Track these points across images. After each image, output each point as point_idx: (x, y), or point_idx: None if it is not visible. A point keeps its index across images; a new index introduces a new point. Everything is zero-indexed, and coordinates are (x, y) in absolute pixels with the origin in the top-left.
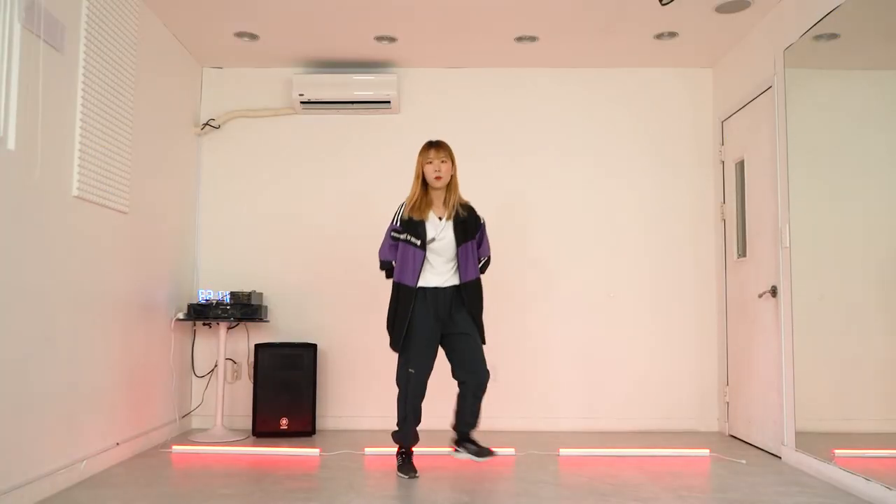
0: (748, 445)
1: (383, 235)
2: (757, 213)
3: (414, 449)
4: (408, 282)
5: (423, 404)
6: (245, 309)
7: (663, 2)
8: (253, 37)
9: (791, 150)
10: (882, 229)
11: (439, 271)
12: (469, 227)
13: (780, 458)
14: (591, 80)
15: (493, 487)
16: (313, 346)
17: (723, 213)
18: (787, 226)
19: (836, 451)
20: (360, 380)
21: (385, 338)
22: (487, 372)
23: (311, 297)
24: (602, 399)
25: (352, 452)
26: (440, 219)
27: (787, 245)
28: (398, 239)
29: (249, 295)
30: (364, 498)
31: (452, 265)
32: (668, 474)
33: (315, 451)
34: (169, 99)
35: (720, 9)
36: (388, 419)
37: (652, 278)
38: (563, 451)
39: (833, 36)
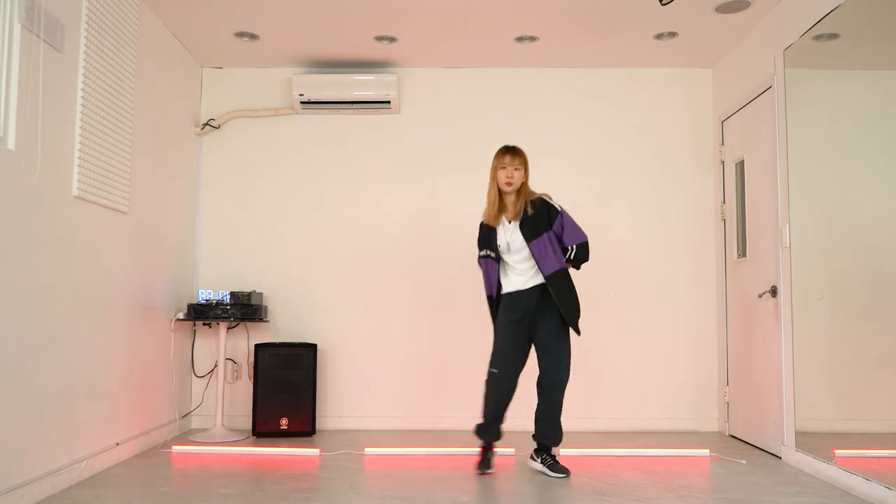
0: (748, 445)
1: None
2: (757, 213)
3: (494, 447)
4: (489, 291)
5: (417, 403)
6: (245, 309)
7: (663, 2)
8: (253, 37)
9: (791, 150)
10: (882, 229)
11: (519, 272)
12: (540, 221)
13: (780, 458)
14: (591, 80)
15: (493, 487)
16: (313, 346)
17: (723, 213)
18: (787, 226)
19: (836, 451)
20: (360, 380)
21: (386, 337)
22: (565, 377)
23: (311, 297)
24: (602, 399)
25: (352, 452)
26: (510, 223)
27: (787, 245)
28: (480, 256)
29: (249, 295)
30: (364, 498)
31: (530, 264)
32: (668, 474)
33: (315, 451)
34: (169, 99)
35: (720, 9)
36: (388, 419)
37: (652, 278)
38: (563, 451)
39: (833, 36)
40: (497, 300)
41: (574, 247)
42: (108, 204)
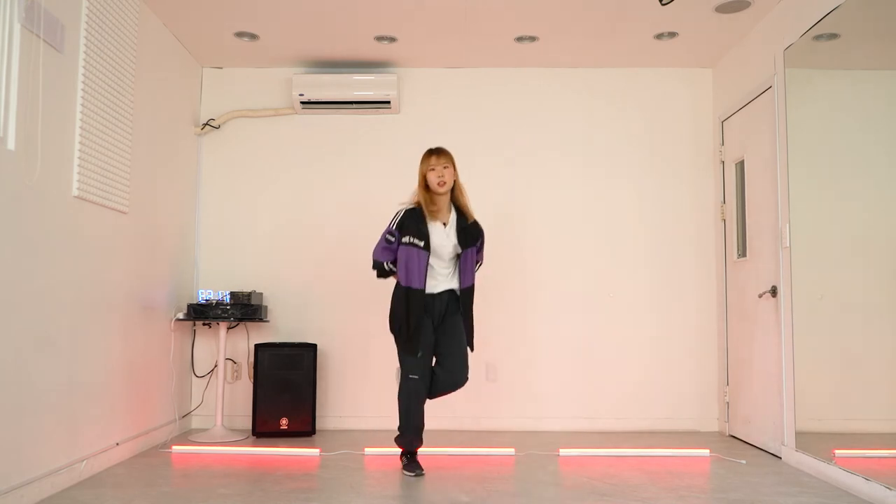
0: (748, 445)
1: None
2: (757, 213)
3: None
4: (417, 285)
5: (427, 403)
6: (245, 309)
7: (663, 2)
8: (253, 37)
9: (791, 150)
10: (882, 229)
11: (438, 275)
12: (470, 234)
13: (780, 458)
14: (591, 80)
15: (493, 487)
16: (313, 346)
17: (723, 213)
18: (787, 226)
19: (836, 451)
20: (360, 380)
21: (386, 337)
22: (466, 378)
23: (311, 297)
24: (602, 399)
25: (352, 452)
26: (444, 224)
27: (787, 245)
28: (392, 242)
29: (249, 295)
30: (364, 498)
31: (451, 270)
32: (668, 474)
33: (315, 451)
34: (169, 99)
35: (720, 9)
36: (388, 419)
37: (652, 278)
38: (563, 451)
39: (833, 36)
40: (423, 297)
41: (480, 264)
42: (108, 204)
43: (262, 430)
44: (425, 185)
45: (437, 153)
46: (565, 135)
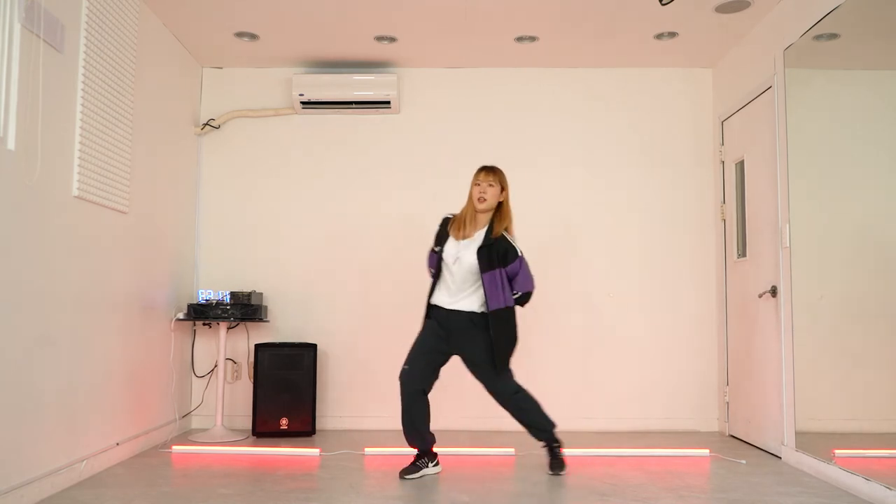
0: (748, 445)
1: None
2: (757, 213)
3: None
4: (434, 290)
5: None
6: (245, 309)
7: (663, 2)
8: (253, 37)
9: (791, 150)
10: (882, 229)
11: (452, 291)
12: (495, 255)
13: (780, 458)
14: (591, 80)
15: (493, 487)
16: (313, 346)
17: (723, 213)
18: (787, 226)
19: (836, 451)
20: (360, 380)
21: (386, 338)
22: (502, 385)
23: (311, 297)
24: (602, 399)
25: (352, 452)
26: (466, 238)
27: (787, 245)
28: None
29: (249, 295)
30: (364, 498)
31: (470, 289)
32: (668, 474)
33: (315, 451)
34: (169, 99)
35: (720, 9)
36: (388, 419)
37: (652, 278)
38: (563, 451)
39: (833, 36)
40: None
41: (521, 293)
42: (108, 204)
43: (262, 430)
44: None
45: (485, 170)
46: (565, 135)
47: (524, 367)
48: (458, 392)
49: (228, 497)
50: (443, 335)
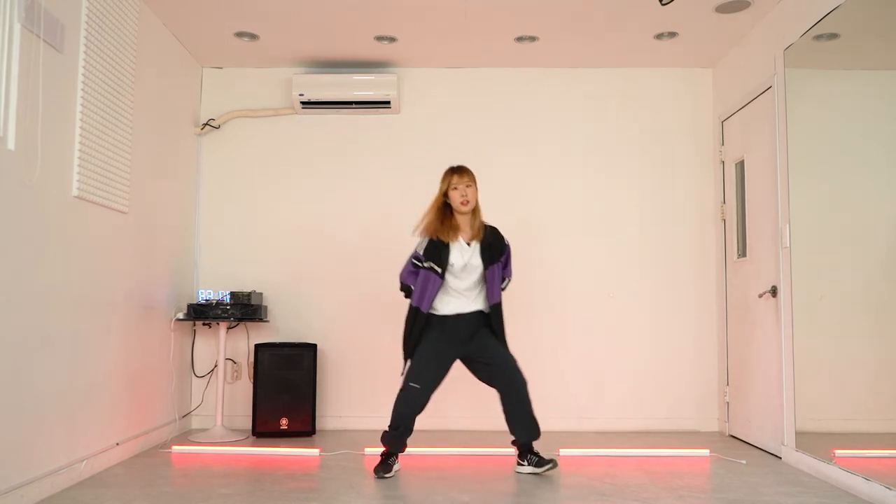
0: (748, 445)
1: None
2: (757, 213)
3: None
4: (423, 307)
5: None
6: (245, 309)
7: (663, 2)
8: (253, 37)
9: (791, 150)
10: (882, 229)
11: (464, 295)
12: (494, 250)
13: (780, 458)
14: (591, 80)
15: (493, 487)
16: (313, 346)
17: (723, 213)
18: (787, 226)
19: (836, 451)
20: (360, 380)
21: (385, 337)
22: (524, 379)
23: (311, 298)
24: (602, 399)
25: (352, 452)
26: (468, 244)
27: (787, 245)
28: (419, 267)
29: (249, 295)
30: (364, 498)
31: (478, 289)
32: (668, 474)
33: (315, 451)
34: (169, 99)
35: (720, 9)
36: (388, 419)
37: (652, 278)
38: (563, 451)
39: (833, 36)
40: (424, 319)
41: (508, 280)
42: (108, 204)
43: (262, 430)
44: (443, 204)
45: (459, 172)
46: (565, 135)
47: (524, 367)
48: (457, 392)
49: (228, 497)
50: (455, 343)
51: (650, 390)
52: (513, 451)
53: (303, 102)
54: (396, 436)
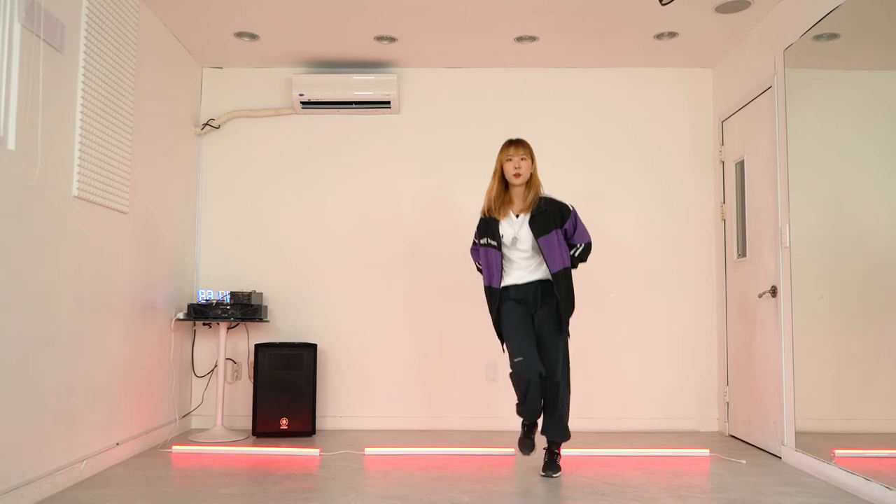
0: (748, 445)
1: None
2: (757, 213)
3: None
4: (494, 284)
5: (417, 403)
6: (245, 309)
7: (663, 2)
8: (253, 37)
9: (791, 150)
10: (882, 229)
11: (521, 266)
12: (550, 219)
13: (780, 458)
14: (591, 80)
15: (493, 487)
16: (313, 346)
17: (723, 213)
18: (787, 226)
19: (836, 451)
20: (360, 380)
21: (386, 337)
22: (557, 379)
23: (311, 297)
24: (602, 399)
25: (352, 452)
26: (517, 216)
27: (787, 245)
28: (478, 244)
29: (249, 295)
30: (364, 498)
31: (536, 260)
32: (668, 474)
33: (315, 451)
34: (169, 99)
35: (720, 9)
36: (388, 419)
37: (652, 278)
38: (563, 451)
39: (833, 36)
40: (498, 294)
41: (582, 245)
42: (108, 204)
43: (262, 430)
44: (501, 176)
45: (515, 143)
46: (565, 135)
47: None
48: (458, 392)
49: (228, 497)
50: (528, 308)
51: (650, 390)
52: (511, 451)
53: (303, 102)
54: (524, 409)
